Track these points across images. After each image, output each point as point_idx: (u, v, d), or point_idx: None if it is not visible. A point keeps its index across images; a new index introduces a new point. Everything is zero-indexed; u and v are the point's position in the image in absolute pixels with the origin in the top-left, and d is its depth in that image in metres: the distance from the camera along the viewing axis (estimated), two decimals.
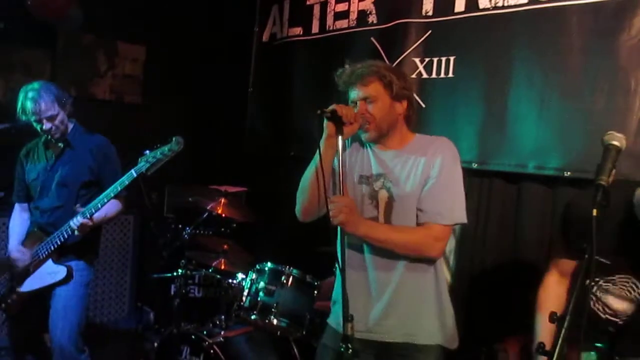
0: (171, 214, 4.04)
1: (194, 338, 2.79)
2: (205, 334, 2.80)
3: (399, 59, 2.99)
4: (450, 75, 2.82)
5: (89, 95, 4.04)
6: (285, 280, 2.58)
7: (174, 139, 2.33)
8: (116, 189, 2.38)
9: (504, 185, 2.74)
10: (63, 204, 2.59)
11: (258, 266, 2.72)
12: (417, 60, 2.94)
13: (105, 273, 3.98)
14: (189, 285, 3.44)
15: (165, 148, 2.33)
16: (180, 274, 3.04)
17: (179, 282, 3.05)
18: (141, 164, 2.34)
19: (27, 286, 2.56)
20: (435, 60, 2.87)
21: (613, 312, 1.67)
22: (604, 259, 1.63)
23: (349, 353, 1.45)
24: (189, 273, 3.11)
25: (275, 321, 2.52)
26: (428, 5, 2.91)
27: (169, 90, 4.25)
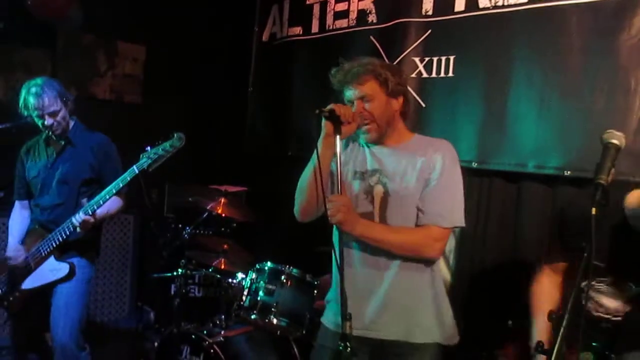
0: (171, 214, 4.04)
1: (194, 338, 2.79)
2: (205, 333, 2.80)
3: (398, 58, 2.99)
4: (450, 74, 2.82)
5: (89, 94, 4.04)
6: (285, 280, 2.58)
7: (176, 134, 2.34)
8: (118, 185, 2.39)
9: (504, 184, 2.74)
10: (64, 201, 2.59)
11: (258, 266, 2.72)
12: (417, 59, 2.94)
13: (105, 273, 3.98)
14: (189, 285, 3.44)
15: (167, 144, 2.33)
16: (180, 273, 3.04)
17: (179, 282, 3.05)
18: (143, 160, 2.35)
19: (29, 283, 2.57)
20: (435, 59, 2.87)
21: (606, 311, 1.67)
22: (597, 261, 1.65)
23: (347, 352, 1.44)
24: (189, 273, 3.11)
25: (275, 321, 2.52)
26: (428, 4, 2.91)
27: (169, 89, 4.25)
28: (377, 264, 1.77)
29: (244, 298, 2.66)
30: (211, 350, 2.69)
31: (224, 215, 3.16)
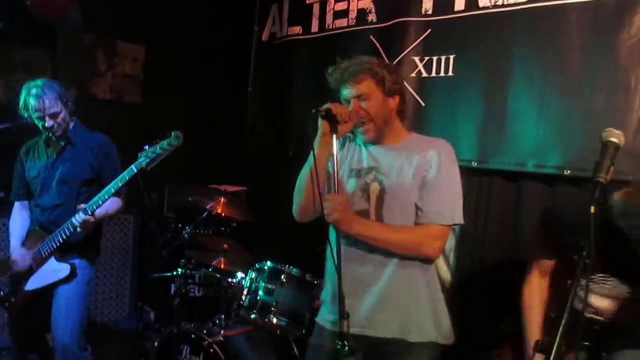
0: (171, 214, 4.04)
1: (193, 337, 2.79)
2: (205, 333, 2.80)
3: (398, 57, 2.99)
4: (450, 74, 2.81)
5: (89, 94, 4.04)
6: (284, 279, 2.57)
7: (173, 133, 2.34)
8: (117, 185, 2.39)
9: (503, 183, 2.73)
10: (64, 202, 2.59)
11: (257, 265, 2.72)
12: (417, 59, 2.94)
13: (105, 273, 3.98)
14: (188, 285, 3.44)
15: (165, 142, 2.33)
16: (180, 273, 3.05)
17: (179, 282, 3.05)
18: (141, 159, 2.35)
19: (31, 285, 2.57)
20: (434, 59, 2.87)
21: (596, 311, 1.66)
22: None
23: (345, 350, 1.44)
24: (188, 272, 3.12)
25: (275, 320, 2.52)
26: (428, 4, 2.91)
27: (169, 89, 4.25)
28: (374, 263, 1.76)
29: (243, 297, 2.66)
30: (211, 350, 2.70)
31: (223, 214, 3.16)
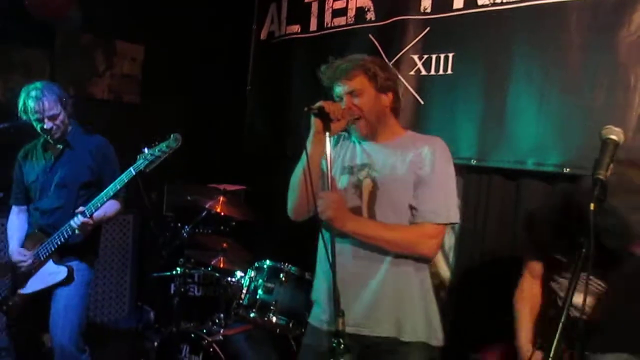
0: (170, 213, 4.03)
1: (193, 337, 2.79)
2: (204, 332, 2.80)
3: (397, 56, 2.99)
4: (449, 72, 2.80)
5: (88, 95, 4.03)
6: (284, 278, 2.57)
7: (172, 135, 2.33)
8: (115, 188, 2.39)
9: (503, 181, 2.73)
10: (63, 205, 2.58)
11: (257, 264, 2.71)
12: (416, 57, 2.93)
13: (105, 273, 3.97)
14: (188, 284, 3.44)
15: (164, 145, 2.33)
16: (179, 272, 3.04)
17: (179, 281, 3.04)
18: (140, 162, 2.35)
19: (29, 287, 2.57)
20: (434, 57, 2.86)
21: (576, 308, 1.65)
22: (560, 256, 1.67)
23: (341, 348, 1.43)
24: (187, 272, 3.11)
25: (275, 319, 2.52)
26: (426, 1, 2.90)
27: (168, 89, 4.24)
28: (368, 261, 1.74)
29: (243, 296, 2.66)
30: (210, 349, 2.69)
31: (223, 214, 3.16)
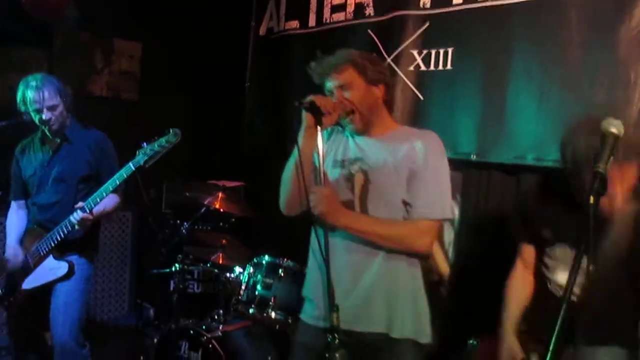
0: (169, 210, 4.03)
1: (192, 333, 2.79)
2: (203, 328, 2.80)
3: (396, 51, 2.98)
4: (449, 67, 2.80)
5: (86, 92, 4.02)
6: (282, 273, 2.57)
7: (172, 130, 2.33)
8: (115, 183, 2.38)
9: (503, 177, 2.72)
10: (60, 200, 2.58)
11: (255, 259, 2.71)
12: (415, 52, 2.93)
13: (104, 270, 3.97)
14: (187, 281, 3.43)
15: (163, 140, 2.33)
16: (178, 269, 3.03)
17: (178, 278, 3.04)
18: (139, 157, 2.34)
19: (29, 283, 2.57)
20: (433, 52, 2.85)
21: (562, 288, 1.61)
22: (544, 232, 1.72)
23: (336, 343, 1.43)
24: (186, 268, 3.11)
25: (274, 314, 2.52)
26: None
27: (166, 86, 4.23)
28: (360, 256, 1.73)
29: (242, 292, 2.66)
30: (210, 346, 2.69)
31: (222, 210, 3.15)
